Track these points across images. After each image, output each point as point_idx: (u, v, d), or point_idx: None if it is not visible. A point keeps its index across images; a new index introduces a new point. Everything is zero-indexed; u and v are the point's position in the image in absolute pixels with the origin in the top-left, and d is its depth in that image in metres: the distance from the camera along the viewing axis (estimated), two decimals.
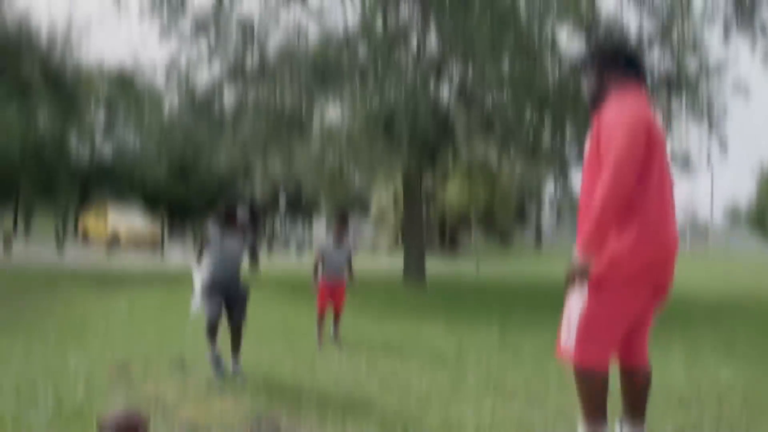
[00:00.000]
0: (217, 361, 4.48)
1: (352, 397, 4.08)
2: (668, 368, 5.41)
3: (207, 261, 4.63)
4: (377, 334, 6.65)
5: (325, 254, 6.18)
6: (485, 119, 9.44)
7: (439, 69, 8.69)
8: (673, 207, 3.06)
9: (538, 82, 8.23)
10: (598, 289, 2.80)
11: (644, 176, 2.84)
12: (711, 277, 21.59)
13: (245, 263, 4.88)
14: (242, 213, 4.77)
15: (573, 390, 3.71)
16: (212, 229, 4.64)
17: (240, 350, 4.65)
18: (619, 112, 2.86)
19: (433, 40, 8.85)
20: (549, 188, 20.75)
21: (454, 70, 8.17)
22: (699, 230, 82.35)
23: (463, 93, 8.43)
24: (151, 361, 4.87)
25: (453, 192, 28.34)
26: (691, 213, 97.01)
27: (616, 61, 3.10)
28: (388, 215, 32.25)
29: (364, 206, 41.25)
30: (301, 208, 38.95)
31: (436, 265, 23.28)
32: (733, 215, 66.46)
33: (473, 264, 22.57)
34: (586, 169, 3.02)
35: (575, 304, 2.85)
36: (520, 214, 47.65)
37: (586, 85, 3.17)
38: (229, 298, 4.62)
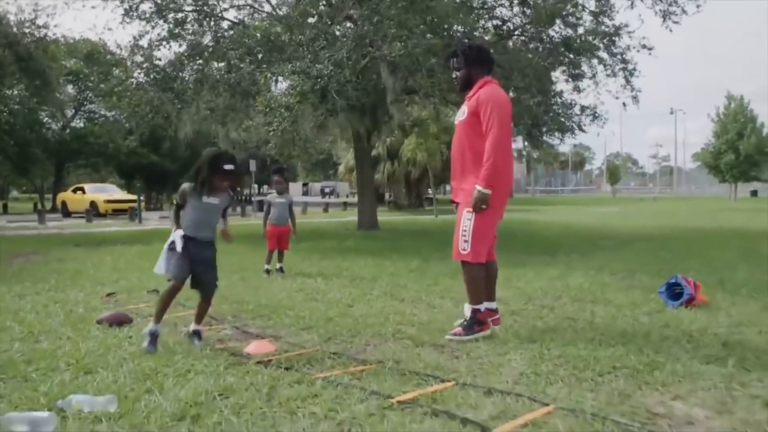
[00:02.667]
0: (154, 337, 3.95)
1: (282, 304, 5.58)
2: (536, 279, 7.05)
3: (183, 223, 4.11)
4: (315, 267, 8.20)
5: (270, 204, 7.70)
6: (406, 84, 10.90)
7: (370, 44, 10.05)
8: (512, 161, 4.64)
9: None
10: (485, 209, 4.32)
11: (507, 141, 4.41)
12: (654, 217, 23.45)
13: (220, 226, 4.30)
14: (230, 169, 4.11)
15: (448, 294, 5.25)
16: (188, 189, 4.09)
17: (202, 321, 4.33)
18: (495, 95, 4.43)
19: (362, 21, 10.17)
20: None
21: (383, 45, 9.52)
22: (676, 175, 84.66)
23: (390, 63, 9.80)
24: (132, 291, 6.34)
25: (409, 149, 29.82)
26: (659, 159, 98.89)
27: (479, 58, 4.60)
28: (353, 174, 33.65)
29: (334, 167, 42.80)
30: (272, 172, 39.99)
31: (399, 218, 24.86)
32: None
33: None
34: (463, 130, 4.51)
35: (466, 221, 4.35)
36: None
37: (459, 73, 4.63)
38: (199, 264, 4.09)
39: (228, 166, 4.07)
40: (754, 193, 60.03)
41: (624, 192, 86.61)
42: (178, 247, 4.01)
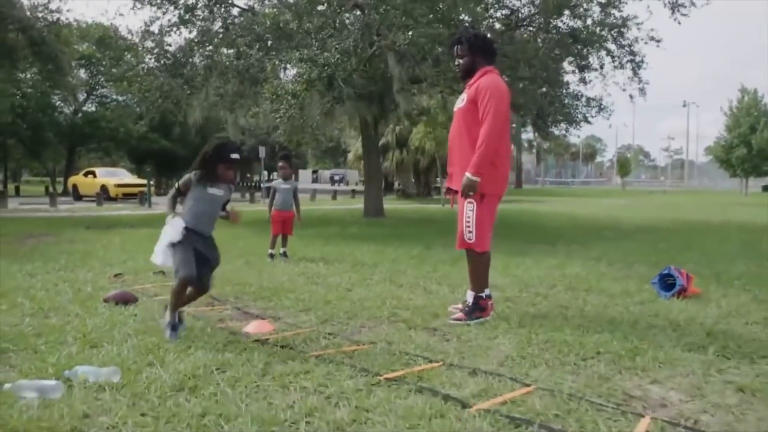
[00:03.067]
0: (173, 327, 3.87)
1: (283, 287, 5.75)
2: (534, 268, 7.19)
3: (184, 214, 3.97)
4: (318, 253, 8.36)
5: (276, 190, 7.87)
6: (413, 74, 11.01)
7: (377, 33, 10.16)
8: (510, 150, 4.76)
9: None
10: (484, 200, 4.49)
11: (504, 131, 4.54)
12: (660, 210, 23.45)
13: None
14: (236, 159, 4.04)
15: (446, 280, 5.38)
16: (193, 178, 3.98)
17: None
18: (494, 84, 4.55)
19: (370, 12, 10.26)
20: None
21: (389, 34, 9.63)
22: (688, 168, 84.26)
23: (396, 52, 9.90)
24: (139, 272, 6.52)
25: (417, 138, 29.90)
26: (671, 152, 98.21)
27: (484, 48, 4.71)
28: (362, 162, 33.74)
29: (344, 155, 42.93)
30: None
31: (406, 206, 24.97)
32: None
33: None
34: (461, 117, 4.64)
35: (469, 212, 4.49)
36: None
37: (462, 61, 4.74)
38: (201, 256, 3.95)
39: (234, 155, 4.00)
40: (766, 188, 59.59)
41: (635, 184, 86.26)
42: (176, 238, 3.86)
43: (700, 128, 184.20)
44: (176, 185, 4.10)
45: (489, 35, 5.06)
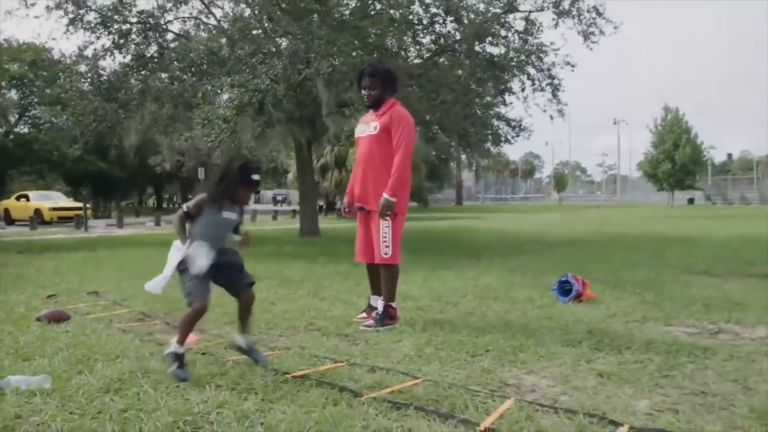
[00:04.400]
0: (179, 358, 3.55)
1: (212, 303, 6.08)
2: (452, 280, 7.74)
3: (195, 240, 3.57)
4: (250, 271, 8.66)
5: None
6: (339, 99, 11.59)
7: (307, 61, 10.67)
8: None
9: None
10: (397, 216, 5.09)
11: (411, 158, 5.17)
12: (588, 224, 24.57)
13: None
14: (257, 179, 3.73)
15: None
16: (207, 200, 3.62)
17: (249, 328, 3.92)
18: (405, 116, 5.17)
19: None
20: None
21: (319, 62, 10.17)
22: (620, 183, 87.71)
23: (325, 78, 10.43)
24: (73, 293, 6.75)
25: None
26: (605, 167, 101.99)
27: (393, 81, 5.27)
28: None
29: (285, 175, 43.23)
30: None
31: (344, 225, 25.39)
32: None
33: None
34: (373, 143, 5.13)
35: (385, 229, 5.04)
36: (436, 176, 50.33)
37: (374, 91, 5.24)
38: (220, 271, 3.66)
39: (256, 177, 3.68)
40: (691, 201, 62.68)
41: (573, 199, 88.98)
42: (205, 265, 3.50)
43: (633, 145, 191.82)
44: (183, 208, 3.70)
45: (391, 68, 5.68)
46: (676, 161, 47.32)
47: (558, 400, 3.29)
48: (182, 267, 3.56)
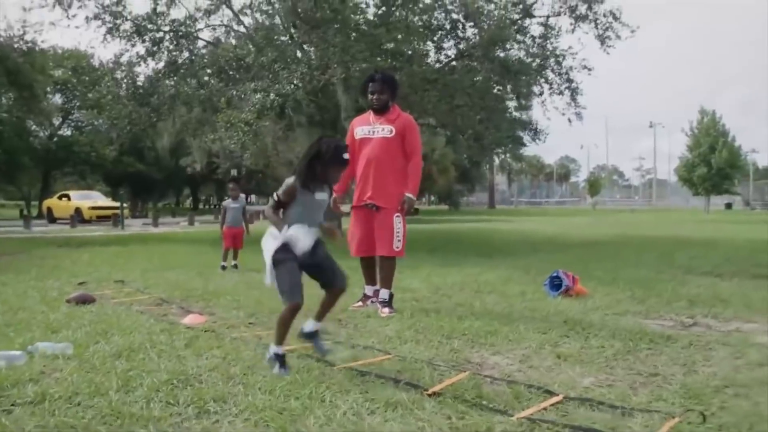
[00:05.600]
0: (281, 359, 3.58)
1: (225, 291, 6.64)
2: (454, 276, 8.15)
3: (290, 225, 3.56)
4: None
5: (226, 209, 8.81)
6: (356, 103, 12.09)
7: (326, 67, 11.23)
8: None
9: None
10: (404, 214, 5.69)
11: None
12: (615, 227, 24.61)
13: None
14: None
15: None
16: (298, 184, 3.57)
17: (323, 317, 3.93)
18: (414, 124, 5.83)
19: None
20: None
21: (334, 69, 10.72)
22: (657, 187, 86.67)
23: (344, 83, 10.97)
24: (101, 281, 7.39)
25: None
26: (643, 171, 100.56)
27: (397, 87, 5.94)
28: None
29: None
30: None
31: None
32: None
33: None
34: (388, 145, 5.64)
35: (398, 225, 5.63)
36: (467, 180, 50.54)
37: (383, 95, 5.73)
38: (313, 268, 3.76)
39: (346, 156, 3.64)
40: (729, 206, 61.55)
41: (609, 204, 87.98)
42: (308, 243, 3.57)
43: (672, 148, 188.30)
44: (275, 196, 3.67)
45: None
46: (712, 165, 46.69)
47: (512, 375, 3.69)
48: (277, 257, 3.58)
